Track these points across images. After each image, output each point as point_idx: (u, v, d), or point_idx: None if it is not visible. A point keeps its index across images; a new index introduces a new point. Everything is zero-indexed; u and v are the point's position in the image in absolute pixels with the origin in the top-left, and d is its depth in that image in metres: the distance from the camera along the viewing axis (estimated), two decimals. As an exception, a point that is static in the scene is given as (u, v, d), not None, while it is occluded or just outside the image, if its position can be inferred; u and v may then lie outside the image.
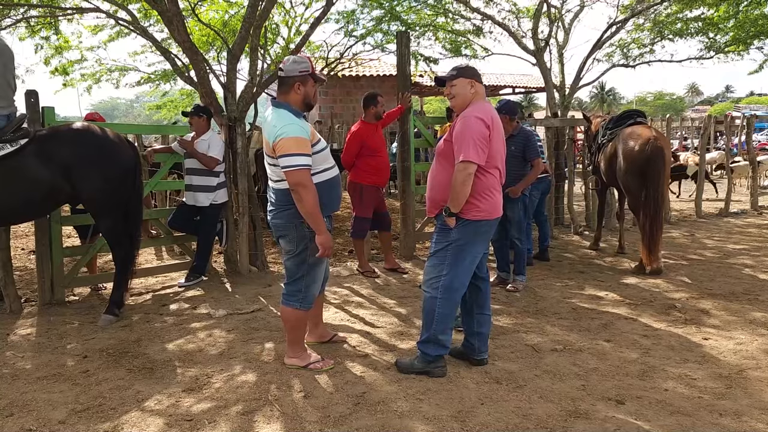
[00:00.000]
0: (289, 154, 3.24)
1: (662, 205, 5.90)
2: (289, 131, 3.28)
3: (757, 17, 9.77)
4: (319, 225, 3.33)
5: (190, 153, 5.66)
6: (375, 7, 10.17)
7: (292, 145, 3.25)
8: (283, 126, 3.30)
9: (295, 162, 3.24)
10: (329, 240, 3.40)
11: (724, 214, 9.71)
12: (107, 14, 7.13)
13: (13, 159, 4.27)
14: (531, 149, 5.52)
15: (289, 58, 3.51)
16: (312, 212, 3.29)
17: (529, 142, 5.52)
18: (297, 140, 3.27)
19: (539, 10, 9.71)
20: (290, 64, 3.45)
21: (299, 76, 3.42)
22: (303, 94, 3.45)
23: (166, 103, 14.94)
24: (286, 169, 3.25)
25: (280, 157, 3.27)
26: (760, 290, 5.23)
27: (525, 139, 5.52)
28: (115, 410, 3.13)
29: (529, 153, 5.52)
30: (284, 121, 3.33)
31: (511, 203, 5.42)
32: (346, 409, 3.10)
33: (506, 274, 5.60)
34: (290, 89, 3.44)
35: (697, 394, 3.21)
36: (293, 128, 3.30)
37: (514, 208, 5.52)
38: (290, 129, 3.29)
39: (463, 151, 3.28)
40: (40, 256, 5.08)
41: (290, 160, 3.24)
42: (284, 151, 3.25)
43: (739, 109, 40.38)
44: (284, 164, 3.25)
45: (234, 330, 4.39)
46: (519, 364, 3.68)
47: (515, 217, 5.56)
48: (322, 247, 3.37)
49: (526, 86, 23.08)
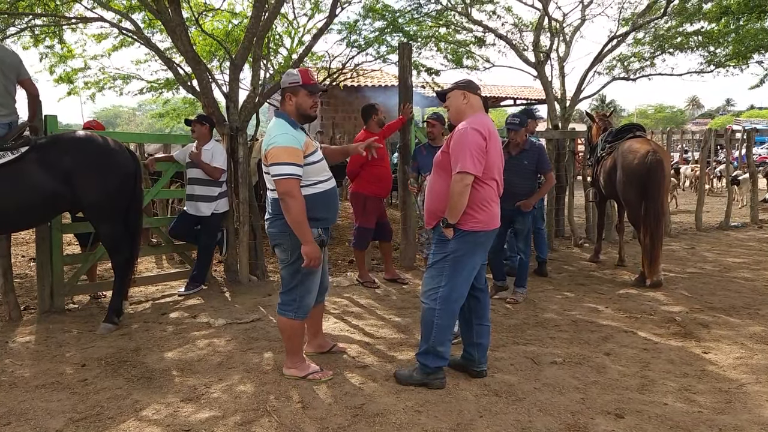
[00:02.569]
0: (279, 163, 3.29)
1: (662, 217, 5.90)
2: (281, 141, 3.33)
3: (757, 31, 9.83)
4: (306, 235, 3.33)
5: (198, 165, 5.70)
6: (377, 18, 10.24)
7: (282, 154, 3.30)
8: (276, 135, 3.36)
9: (284, 171, 3.28)
10: (316, 251, 3.37)
11: (724, 227, 9.71)
12: (111, 24, 7.18)
13: (14, 167, 4.28)
14: (544, 162, 5.52)
15: (287, 71, 3.62)
16: (298, 222, 3.31)
17: (542, 155, 5.52)
18: (288, 150, 3.31)
19: (540, 23, 9.77)
20: (284, 77, 3.57)
21: (289, 88, 3.52)
22: (295, 104, 3.51)
23: (168, 112, 15.01)
24: (276, 177, 3.30)
25: (271, 165, 3.32)
26: (760, 304, 5.22)
27: (539, 153, 5.51)
28: (113, 419, 3.12)
29: (542, 166, 5.50)
30: (279, 130, 3.39)
31: (522, 216, 5.43)
32: (344, 420, 3.08)
33: (503, 283, 5.61)
34: (284, 100, 3.54)
35: (696, 409, 3.20)
36: (285, 138, 3.35)
37: (525, 221, 5.51)
38: (282, 138, 3.34)
39: (460, 163, 3.30)
40: (41, 264, 5.08)
41: (279, 169, 3.29)
42: (274, 160, 3.30)
43: (739, 122, 40.46)
44: (274, 173, 3.31)
45: (233, 339, 4.38)
46: (518, 376, 3.67)
47: (524, 230, 5.54)
48: (308, 258, 3.35)
49: (528, 98, 23.17)
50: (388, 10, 10.19)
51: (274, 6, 6.44)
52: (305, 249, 3.34)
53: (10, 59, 4.48)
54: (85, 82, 10.26)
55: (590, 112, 7.79)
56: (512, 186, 5.17)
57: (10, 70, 4.48)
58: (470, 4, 9.91)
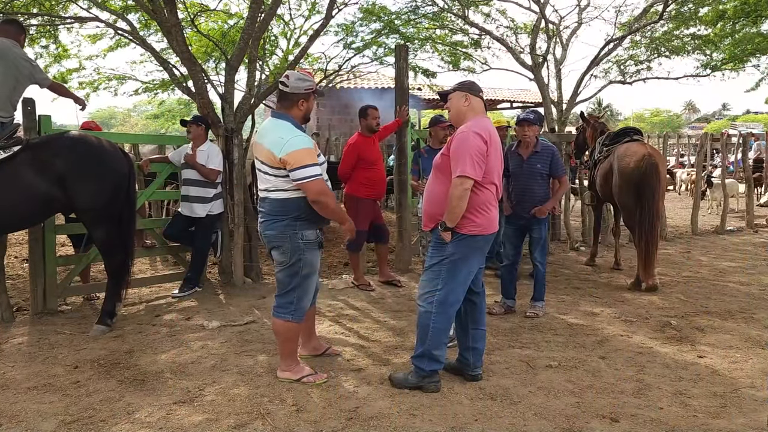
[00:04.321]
0: (305, 166, 3.29)
1: (658, 221, 5.91)
2: (299, 143, 3.32)
3: (752, 35, 9.87)
4: (343, 217, 3.63)
5: (194, 167, 5.67)
6: (374, 20, 10.24)
7: (305, 157, 3.30)
8: (293, 138, 3.33)
9: (312, 173, 3.30)
10: (353, 224, 3.67)
11: (720, 232, 9.73)
12: (106, 24, 7.16)
13: (5, 167, 4.24)
14: (558, 166, 5.16)
15: (294, 74, 3.54)
16: (337, 213, 3.52)
17: (555, 157, 5.15)
18: (309, 151, 3.34)
19: (537, 26, 9.79)
20: (296, 81, 3.48)
21: (304, 94, 3.49)
22: (306, 109, 3.54)
23: (163, 113, 14.99)
24: (304, 180, 3.29)
25: (295, 169, 3.29)
26: (755, 308, 5.22)
27: (551, 155, 5.13)
28: (105, 422, 3.09)
29: (556, 170, 5.15)
30: (292, 133, 3.37)
31: (538, 224, 5.09)
32: (338, 423, 3.07)
33: (513, 302, 5.19)
34: (293, 105, 3.50)
35: (691, 413, 3.20)
36: (303, 140, 3.36)
37: (541, 229, 5.13)
38: (300, 141, 3.33)
39: (460, 166, 3.29)
40: (34, 265, 5.04)
41: (306, 172, 3.29)
42: (299, 163, 3.28)
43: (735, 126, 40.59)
44: (301, 176, 3.29)
45: (227, 342, 4.36)
46: (514, 380, 3.65)
47: (541, 239, 5.13)
48: (351, 233, 3.67)
49: (524, 101, 23.18)
50: (384, 12, 10.20)
51: (270, 7, 6.43)
52: (346, 227, 3.64)
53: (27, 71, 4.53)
54: (79, 83, 10.24)
55: (585, 115, 7.69)
56: (527, 192, 5.05)
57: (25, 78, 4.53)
58: (466, 5, 9.92)
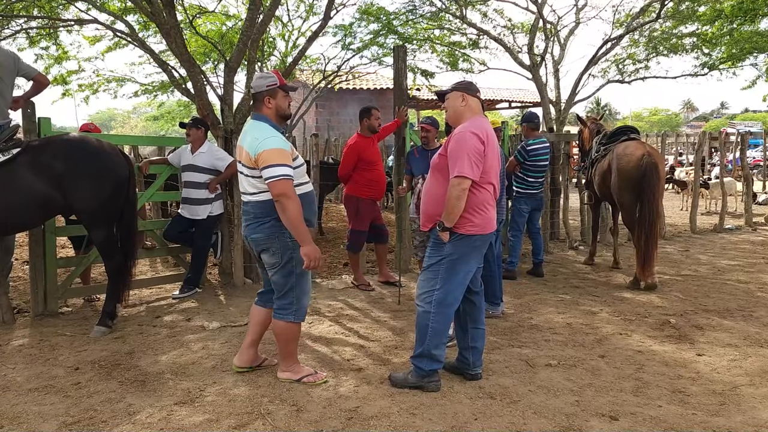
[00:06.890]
0: (273, 165, 3.28)
1: (657, 220, 5.92)
2: (272, 143, 3.33)
3: (750, 34, 9.89)
4: (304, 235, 3.30)
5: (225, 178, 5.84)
6: (372, 21, 10.26)
7: (275, 156, 3.29)
8: (266, 138, 3.34)
9: (279, 172, 3.27)
10: (316, 250, 3.35)
11: (718, 230, 9.74)
12: (106, 26, 7.18)
13: (5, 169, 4.25)
14: None
15: (256, 74, 3.62)
16: (296, 222, 3.29)
17: None
18: (280, 151, 3.32)
19: (535, 25, 9.80)
20: (257, 80, 3.54)
21: (267, 91, 3.50)
22: (274, 106, 3.52)
23: (163, 114, 15.00)
24: (270, 179, 3.28)
25: (263, 168, 3.30)
26: (754, 306, 5.24)
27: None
28: (106, 423, 3.10)
29: None
30: (266, 133, 3.38)
31: None
32: (338, 423, 3.08)
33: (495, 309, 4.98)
34: (261, 104, 3.52)
35: (690, 411, 3.21)
36: (275, 140, 3.35)
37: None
38: (272, 141, 3.34)
39: (458, 166, 3.30)
40: (34, 267, 5.05)
41: (274, 171, 3.27)
42: (267, 162, 3.28)
43: (734, 125, 40.63)
44: (268, 175, 3.28)
45: (227, 342, 4.37)
46: (513, 379, 3.67)
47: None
48: (308, 258, 3.31)
49: (522, 100, 23.22)
50: (383, 13, 10.22)
51: (268, 9, 6.44)
52: (305, 250, 3.31)
53: (7, 62, 4.45)
54: (79, 85, 10.27)
55: (581, 116, 7.77)
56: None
57: (8, 73, 4.45)
58: (464, 5, 9.94)
